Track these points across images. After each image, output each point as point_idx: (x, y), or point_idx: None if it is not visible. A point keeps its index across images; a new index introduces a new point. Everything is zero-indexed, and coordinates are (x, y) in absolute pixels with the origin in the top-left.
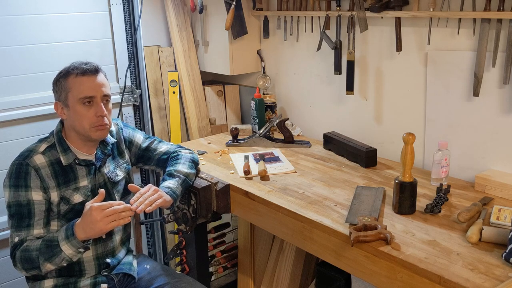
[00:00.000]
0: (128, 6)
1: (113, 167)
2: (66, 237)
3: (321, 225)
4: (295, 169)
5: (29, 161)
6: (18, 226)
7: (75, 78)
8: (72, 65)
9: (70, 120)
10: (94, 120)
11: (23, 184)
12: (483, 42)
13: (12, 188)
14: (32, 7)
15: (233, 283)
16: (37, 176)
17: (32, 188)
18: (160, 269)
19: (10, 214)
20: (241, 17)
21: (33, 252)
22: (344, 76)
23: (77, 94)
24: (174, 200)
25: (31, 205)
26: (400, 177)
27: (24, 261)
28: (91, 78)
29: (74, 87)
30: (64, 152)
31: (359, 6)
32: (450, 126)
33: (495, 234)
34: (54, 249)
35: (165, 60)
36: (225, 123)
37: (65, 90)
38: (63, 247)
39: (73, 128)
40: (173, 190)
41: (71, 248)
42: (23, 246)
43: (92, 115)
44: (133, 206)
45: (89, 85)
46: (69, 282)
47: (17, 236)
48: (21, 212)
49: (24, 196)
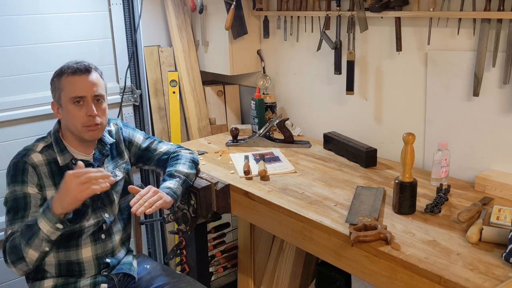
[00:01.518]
0: (128, 6)
1: (112, 167)
2: (42, 212)
3: (321, 225)
4: (295, 169)
5: (26, 159)
6: (13, 219)
7: (67, 77)
8: (65, 65)
9: (65, 119)
10: (85, 120)
11: (20, 180)
12: (483, 42)
13: (10, 185)
14: (32, 7)
15: (233, 283)
16: (34, 173)
17: (29, 184)
18: (160, 269)
19: (7, 210)
20: (241, 17)
21: (17, 239)
22: (344, 76)
23: (68, 93)
24: (175, 200)
25: (28, 198)
26: (400, 177)
27: (10, 251)
28: (82, 78)
29: (66, 86)
30: (61, 152)
31: (359, 6)
32: (450, 126)
33: (495, 234)
34: (32, 228)
35: (165, 60)
36: (225, 123)
37: (58, 90)
38: (40, 224)
39: (67, 128)
40: (174, 191)
41: (48, 224)
42: (12, 237)
43: (83, 115)
44: (133, 208)
45: (80, 84)
46: (69, 282)
47: (10, 229)
48: (17, 206)
49: (20, 190)
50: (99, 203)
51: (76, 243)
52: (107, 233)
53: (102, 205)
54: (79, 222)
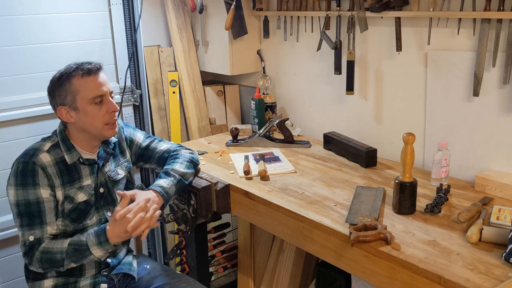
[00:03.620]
0: (128, 6)
1: (114, 165)
2: (99, 243)
3: (321, 225)
4: (295, 169)
5: (35, 160)
6: (30, 224)
7: (81, 79)
8: (71, 67)
9: (80, 122)
10: (107, 117)
11: (31, 182)
12: (483, 42)
13: (20, 187)
14: (32, 7)
15: (233, 283)
16: (44, 175)
17: (41, 186)
18: (160, 269)
19: (19, 213)
20: (241, 17)
21: (57, 255)
22: (344, 76)
23: (87, 94)
24: (166, 200)
25: (41, 203)
26: (400, 177)
27: (45, 261)
28: (96, 76)
29: (82, 88)
30: (69, 151)
31: (359, 6)
32: (450, 126)
33: (495, 234)
34: (83, 252)
35: (165, 60)
36: (225, 123)
37: (71, 93)
38: (93, 251)
39: (82, 129)
40: (166, 190)
41: (101, 251)
42: (43, 247)
43: (104, 113)
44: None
45: (97, 83)
46: (69, 282)
47: (32, 235)
48: (31, 211)
49: (33, 194)
50: (102, 201)
51: None
52: None
53: (105, 204)
54: (82, 221)
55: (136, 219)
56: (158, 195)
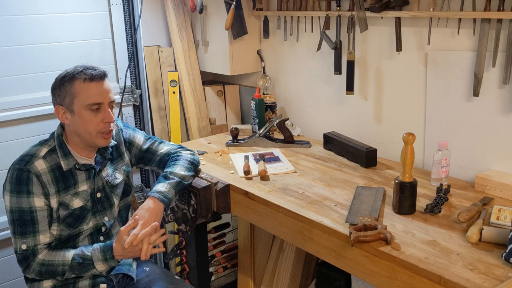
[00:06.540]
0: (128, 6)
1: (112, 170)
2: (104, 259)
3: (321, 225)
4: (295, 169)
5: (30, 167)
6: (23, 233)
7: (82, 83)
8: (76, 70)
9: (74, 125)
10: (101, 126)
11: (25, 190)
12: (483, 42)
13: (14, 194)
14: (32, 7)
15: (233, 283)
16: (38, 183)
17: (35, 194)
18: (159, 273)
19: (12, 220)
20: (241, 17)
21: (59, 267)
22: (344, 76)
23: (85, 100)
24: (166, 204)
25: (34, 212)
26: (400, 177)
27: (45, 273)
28: (99, 84)
29: (81, 92)
30: (65, 157)
31: (359, 6)
32: (450, 126)
33: (495, 234)
34: (87, 266)
35: (165, 60)
36: (225, 123)
37: (70, 95)
38: (97, 266)
39: (76, 133)
40: (165, 195)
41: (105, 266)
42: (42, 260)
43: (98, 121)
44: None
45: (97, 91)
46: (68, 282)
47: (24, 243)
48: (24, 219)
49: (26, 202)
50: (100, 206)
51: (73, 245)
52: (106, 236)
53: (102, 209)
54: (78, 226)
55: (145, 246)
56: (157, 201)
